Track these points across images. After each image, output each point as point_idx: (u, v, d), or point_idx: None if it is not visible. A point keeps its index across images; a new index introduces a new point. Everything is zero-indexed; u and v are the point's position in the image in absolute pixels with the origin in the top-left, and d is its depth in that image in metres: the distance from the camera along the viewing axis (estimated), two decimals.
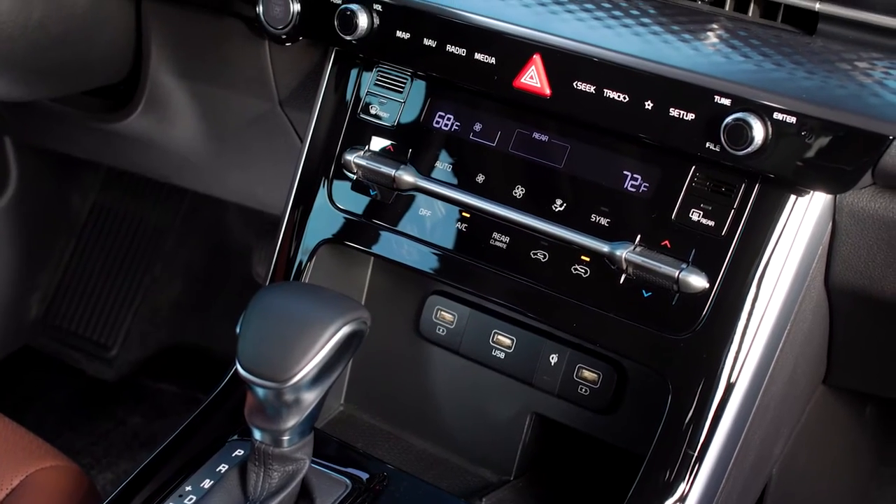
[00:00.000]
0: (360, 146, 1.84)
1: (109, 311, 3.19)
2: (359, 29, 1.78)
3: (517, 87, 1.68)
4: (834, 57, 1.52)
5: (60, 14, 1.98)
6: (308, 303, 1.54)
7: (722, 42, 1.58)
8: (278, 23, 1.87)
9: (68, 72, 2.12)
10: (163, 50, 2.14)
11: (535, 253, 1.69)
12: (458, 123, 1.78)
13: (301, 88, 2.03)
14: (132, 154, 2.51)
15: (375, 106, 1.84)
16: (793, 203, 1.57)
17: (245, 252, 3.09)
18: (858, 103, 1.47)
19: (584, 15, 1.65)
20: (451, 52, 1.72)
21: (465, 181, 1.75)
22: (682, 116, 1.56)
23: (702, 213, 1.60)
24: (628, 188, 1.65)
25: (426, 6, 1.73)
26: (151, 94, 2.19)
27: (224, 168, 2.36)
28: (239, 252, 3.12)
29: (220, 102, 2.18)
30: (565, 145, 1.70)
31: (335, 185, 1.86)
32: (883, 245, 1.58)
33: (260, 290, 1.56)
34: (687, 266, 1.59)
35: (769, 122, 1.50)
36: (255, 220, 3.07)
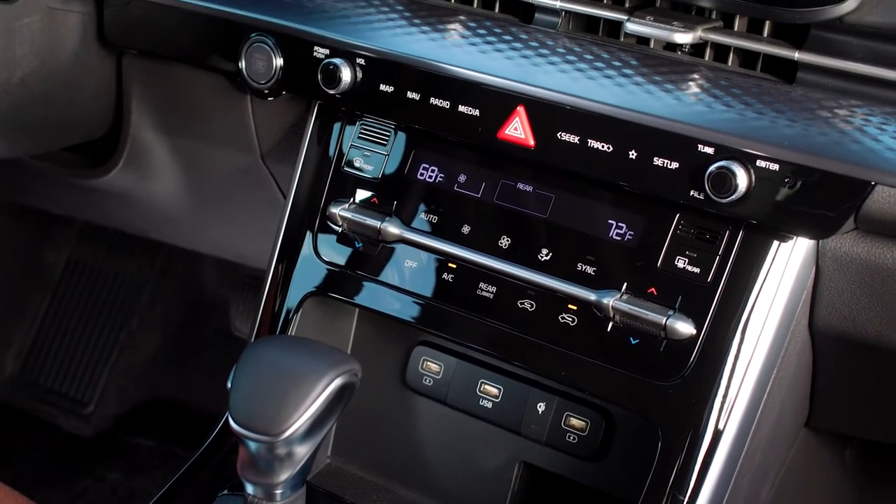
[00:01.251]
0: (345, 199, 1.85)
1: (86, 366, 3.17)
2: (342, 83, 1.79)
3: (501, 138, 1.69)
4: (814, 105, 1.55)
5: (42, 72, 1.99)
6: (299, 356, 1.54)
7: (704, 92, 1.60)
8: (261, 78, 1.89)
9: (49, 129, 2.12)
10: (144, 105, 2.14)
11: (522, 302, 1.71)
12: (442, 175, 1.79)
13: (283, 142, 2.04)
14: (111, 209, 2.51)
15: (359, 158, 1.86)
16: (776, 249, 1.59)
17: (222, 305, 3.08)
18: (840, 150, 1.49)
19: (567, 66, 1.67)
20: (434, 105, 1.74)
21: (451, 232, 1.76)
22: (667, 165, 1.58)
23: (687, 261, 1.62)
24: (613, 237, 1.67)
25: (409, 59, 1.75)
26: (132, 149, 2.20)
27: (204, 222, 2.37)
28: (216, 306, 3.12)
29: (201, 157, 2.19)
30: (550, 195, 1.72)
31: (320, 238, 1.87)
32: (866, 289, 1.60)
33: (251, 344, 1.56)
34: (674, 313, 1.61)
35: (752, 169, 1.52)
36: (231, 274, 3.06)
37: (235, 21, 1.90)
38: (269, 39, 1.86)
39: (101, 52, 2.08)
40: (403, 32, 1.79)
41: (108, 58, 2.10)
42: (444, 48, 1.75)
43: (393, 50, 1.77)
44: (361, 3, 1.86)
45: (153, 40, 2.03)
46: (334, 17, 1.84)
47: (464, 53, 1.73)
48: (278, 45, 1.86)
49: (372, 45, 1.78)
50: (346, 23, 1.83)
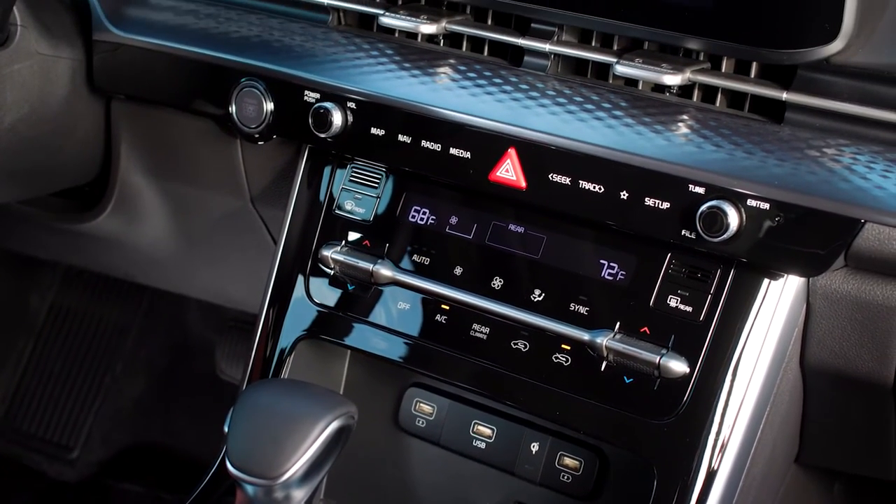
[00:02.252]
0: (337, 241, 1.86)
1: (70, 411, 3.15)
2: (333, 126, 1.81)
3: (493, 180, 1.71)
4: (803, 144, 1.57)
5: (32, 118, 1.99)
6: (296, 399, 1.55)
7: (693, 132, 1.62)
8: (251, 122, 1.90)
9: (39, 174, 2.13)
10: (132, 150, 2.15)
11: (516, 343, 1.72)
12: (433, 217, 1.80)
13: (273, 185, 2.05)
14: (98, 254, 2.51)
15: (350, 201, 1.87)
16: (767, 287, 1.61)
17: (207, 349, 3.07)
18: (829, 189, 1.51)
19: (558, 109, 1.69)
20: (426, 148, 1.75)
21: (443, 274, 1.78)
22: (658, 206, 1.60)
23: (679, 299, 1.63)
24: (605, 276, 1.68)
25: (400, 103, 1.77)
26: (121, 193, 2.20)
27: (192, 265, 2.37)
28: (201, 349, 3.11)
29: (190, 201, 2.20)
30: (541, 236, 1.73)
31: (312, 281, 1.87)
32: (857, 325, 1.62)
33: (247, 388, 1.57)
34: (667, 352, 1.62)
35: (743, 208, 1.54)
36: (215, 317, 3.06)
37: (225, 66, 1.91)
38: (259, 84, 1.87)
39: (90, 97, 2.09)
40: (394, 76, 1.81)
41: (97, 103, 2.11)
42: (435, 91, 1.76)
43: (384, 93, 1.78)
44: (351, 47, 1.88)
45: (142, 86, 2.04)
46: (324, 61, 1.86)
47: (455, 96, 1.75)
48: (269, 90, 1.87)
49: (363, 88, 1.80)
50: (337, 67, 1.84)
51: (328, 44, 1.89)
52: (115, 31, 2.02)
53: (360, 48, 1.87)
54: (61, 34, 2.02)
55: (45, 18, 2.00)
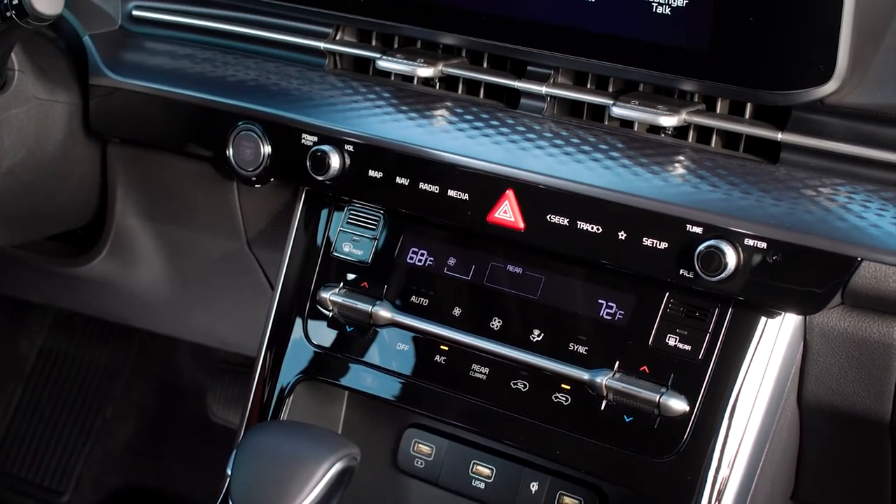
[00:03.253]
0: (335, 283, 1.87)
1: (61, 455, 3.14)
2: (331, 169, 1.82)
3: (491, 221, 1.72)
4: (798, 184, 1.59)
5: (30, 162, 2.00)
6: (298, 441, 1.56)
7: (690, 173, 1.64)
8: (249, 165, 1.91)
9: (35, 218, 2.13)
10: (128, 193, 2.16)
11: (516, 383, 1.72)
12: (431, 258, 1.82)
13: (270, 228, 2.06)
14: (91, 297, 2.51)
15: (348, 243, 1.88)
16: (765, 325, 1.62)
17: (198, 391, 3.07)
18: (826, 227, 1.53)
19: (555, 150, 1.71)
20: (424, 190, 1.77)
21: (442, 315, 1.78)
22: (656, 245, 1.61)
23: (678, 338, 1.65)
24: (604, 316, 1.70)
25: (398, 145, 1.78)
26: (116, 237, 2.21)
27: (186, 308, 2.37)
28: (192, 392, 3.11)
29: (186, 244, 2.20)
30: (539, 276, 1.74)
31: (310, 323, 1.88)
32: (853, 362, 1.63)
33: (250, 431, 1.57)
34: (666, 390, 1.63)
35: (741, 248, 1.56)
36: (206, 359, 3.06)
37: (223, 109, 1.92)
38: (256, 127, 1.89)
39: (87, 141, 2.10)
40: (391, 119, 1.82)
41: (93, 147, 2.12)
42: (433, 134, 1.78)
43: (381, 136, 1.80)
44: (348, 90, 1.89)
45: (139, 130, 2.05)
46: (321, 104, 1.87)
47: (452, 139, 1.76)
48: (266, 133, 1.88)
49: (360, 131, 1.81)
50: (334, 110, 1.86)
51: (325, 87, 1.91)
52: (111, 76, 2.03)
53: (357, 91, 1.89)
54: (58, 79, 2.04)
55: (42, 63, 2.01)
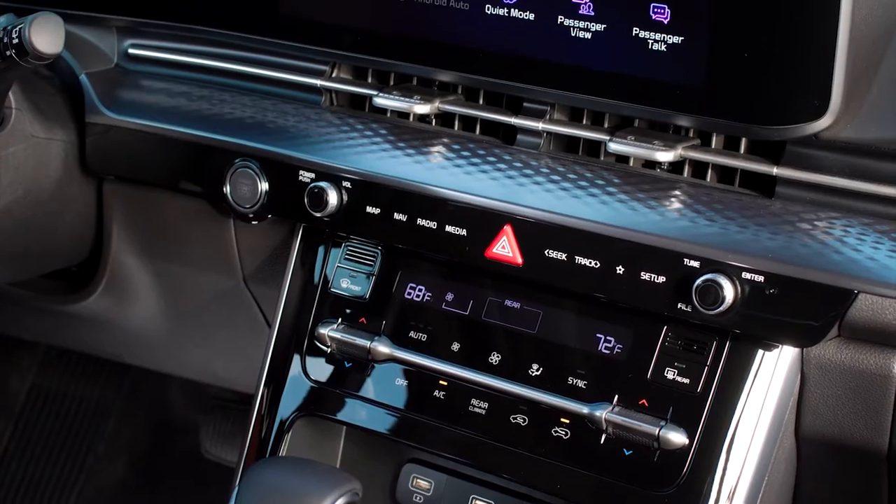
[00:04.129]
0: (333, 319, 1.87)
1: (52, 494, 3.13)
2: (329, 206, 1.83)
3: (489, 257, 1.73)
4: (794, 218, 1.61)
5: (27, 200, 2.00)
6: (300, 477, 1.56)
7: (686, 207, 1.65)
8: (246, 202, 1.92)
9: (31, 256, 2.13)
10: (124, 230, 2.16)
11: (515, 417, 1.73)
12: (429, 294, 1.82)
13: (266, 264, 2.06)
14: (84, 334, 2.51)
15: (346, 279, 1.88)
16: (762, 357, 1.64)
17: (190, 428, 3.06)
18: (822, 261, 1.55)
19: (552, 186, 1.72)
20: (422, 226, 1.78)
21: (441, 350, 1.79)
22: (654, 280, 1.63)
23: (676, 371, 1.66)
24: (602, 350, 1.71)
25: (396, 182, 1.79)
26: (112, 274, 2.21)
27: (181, 345, 2.37)
28: (184, 428, 3.10)
29: (182, 281, 2.21)
30: (537, 311, 1.76)
31: (308, 359, 1.89)
32: (850, 394, 1.64)
33: (251, 467, 1.58)
34: (666, 423, 1.64)
35: (738, 281, 1.57)
36: (198, 396, 3.05)
37: (220, 147, 1.93)
38: (254, 164, 1.90)
39: (83, 179, 2.10)
40: (388, 155, 1.84)
41: (89, 184, 2.13)
42: (430, 170, 1.79)
43: (379, 172, 1.81)
44: (345, 127, 1.91)
45: (135, 167, 2.06)
46: (319, 141, 1.88)
47: (450, 175, 1.78)
48: (263, 170, 1.90)
49: (358, 167, 1.82)
50: (331, 147, 1.87)
51: (322, 124, 1.92)
52: (108, 114, 2.04)
53: (354, 128, 1.90)
54: (54, 117, 2.05)
55: (39, 101, 2.02)
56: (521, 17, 1.72)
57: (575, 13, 1.68)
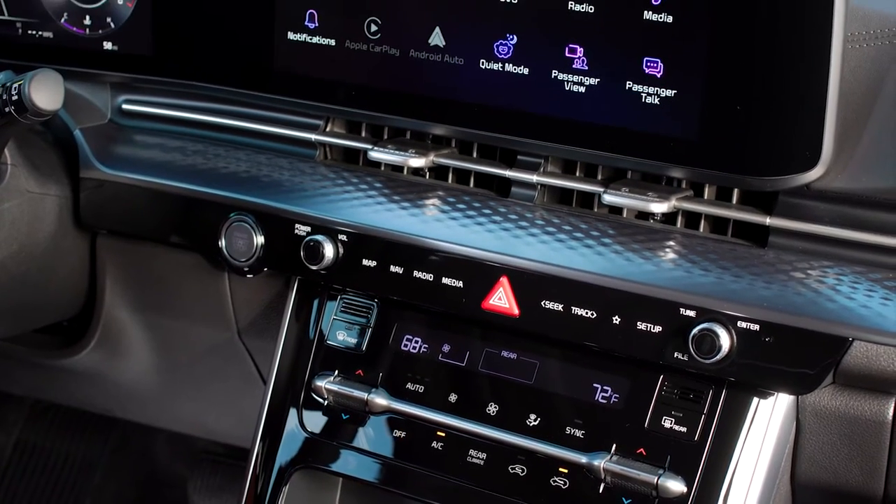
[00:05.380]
0: (330, 371, 1.88)
1: None
2: (325, 259, 1.84)
3: (486, 308, 1.75)
4: (788, 267, 1.63)
5: (21, 255, 2.01)
6: None
7: (681, 257, 1.68)
8: (242, 256, 1.93)
9: (24, 311, 2.13)
10: (117, 284, 2.17)
11: (513, 467, 1.74)
12: (426, 346, 1.84)
13: (261, 317, 2.07)
14: (75, 389, 2.50)
15: (342, 332, 1.89)
16: (758, 405, 1.65)
17: (177, 482, 3.05)
18: (817, 309, 1.57)
19: (547, 237, 1.74)
20: (418, 278, 1.79)
21: (438, 401, 1.80)
22: (650, 329, 1.64)
23: (673, 420, 1.67)
24: (599, 400, 1.72)
25: (392, 235, 1.81)
26: (104, 328, 2.21)
27: (173, 398, 2.37)
28: (171, 482, 3.08)
29: (175, 334, 2.21)
30: (534, 362, 1.77)
31: (305, 411, 1.89)
32: (846, 440, 1.66)
33: None
34: (664, 472, 1.65)
35: (734, 330, 1.59)
36: (186, 449, 3.04)
37: (215, 201, 1.95)
38: (249, 218, 1.91)
39: (76, 233, 2.11)
40: (384, 208, 1.85)
41: (83, 239, 2.13)
42: (426, 223, 1.81)
43: (375, 225, 1.82)
44: (340, 180, 1.92)
45: (129, 221, 2.07)
46: (314, 194, 1.90)
47: (445, 227, 1.80)
48: (259, 224, 1.91)
49: (354, 221, 1.84)
50: (326, 200, 1.89)
51: (317, 177, 1.94)
52: (102, 169, 2.05)
53: (349, 181, 1.92)
54: (49, 172, 2.06)
55: (34, 157, 2.03)
56: (515, 71, 1.75)
57: (569, 67, 1.71)
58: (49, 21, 2.10)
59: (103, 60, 2.09)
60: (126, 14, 2.05)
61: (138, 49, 2.06)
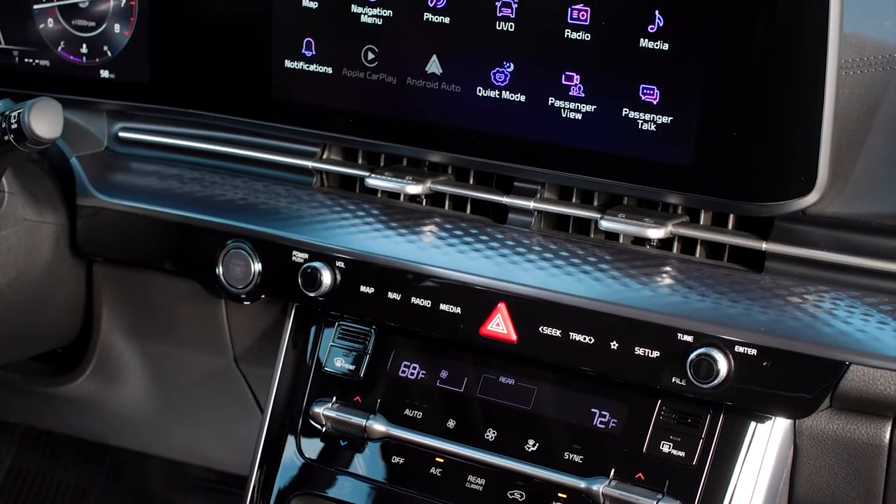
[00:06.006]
0: (328, 398, 1.88)
1: None
2: (323, 286, 1.85)
3: (484, 334, 1.76)
4: (784, 292, 1.64)
5: (18, 282, 2.01)
6: None
7: (678, 283, 1.69)
8: (239, 283, 1.93)
9: (21, 338, 2.14)
10: (114, 312, 2.17)
11: (512, 493, 1.74)
12: (423, 371, 1.84)
13: (258, 344, 2.08)
14: (70, 417, 2.50)
15: (340, 358, 1.90)
16: (756, 429, 1.66)
17: None
18: (814, 333, 1.58)
19: (545, 263, 1.75)
20: (416, 305, 1.80)
21: (437, 427, 1.81)
22: (648, 355, 1.65)
23: (672, 444, 1.68)
24: (598, 424, 1.73)
25: (390, 261, 1.82)
26: (101, 356, 2.21)
27: (169, 425, 2.37)
28: None
29: (172, 361, 2.21)
30: (532, 387, 1.78)
31: (303, 438, 1.89)
32: (843, 464, 1.67)
33: None
34: (663, 497, 1.66)
35: (731, 355, 1.60)
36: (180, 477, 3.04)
37: (213, 228, 1.95)
38: (246, 245, 1.92)
39: (73, 261, 2.12)
40: (381, 235, 1.86)
41: (80, 266, 2.14)
42: (423, 249, 1.82)
43: (373, 252, 1.83)
44: (337, 207, 1.93)
45: (126, 249, 2.07)
46: (311, 221, 1.91)
47: (443, 254, 1.80)
48: (256, 251, 1.91)
49: (351, 247, 1.84)
50: (324, 227, 1.89)
51: (314, 204, 1.95)
52: (99, 196, 2.06)
53: (346, 208, 1.93)
54: (46, 200, 2.06)
55: (31, 185, 2.04)
56: (512, 98, 1.76)
57: (566, 95, 1.72)
58: (46, 49, 2.11)
59: (100, 88, 2.10)
60: (123, 42, 2.06)
61: (135, 77, 2.07)
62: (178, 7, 2.01)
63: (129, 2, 2.04)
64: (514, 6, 1.73)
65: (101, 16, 2.07)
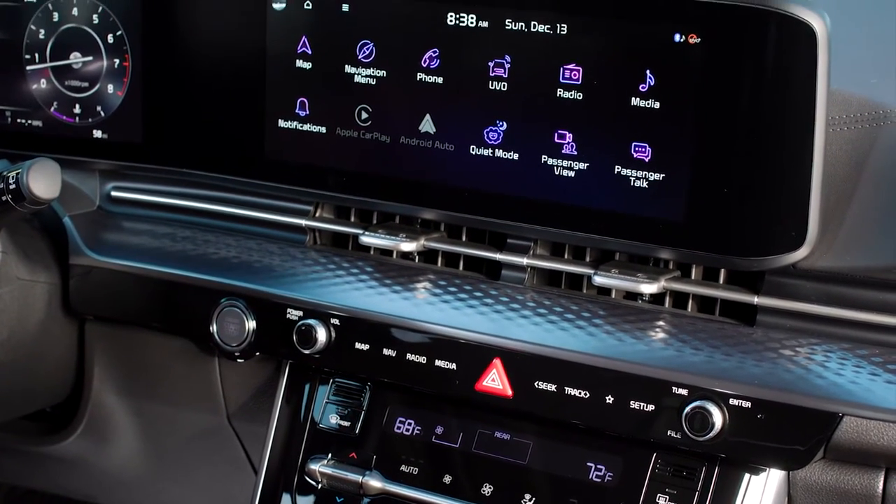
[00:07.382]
0: (323, 455, 1.89)
1: None
2: (318, 343, 1.86)
3: (479, 390, 1.77)
4: (777, 345, 1.67)
5: (11, 342, 2.01)
6: None
7: (672, 337, 1.71)
8: (233, 341, 1.94)
9: (12, 398, 2.13)
10: (106, 371, 2.17)
11: None
12: (419, 427, 1.85)
13: (252, 402, 2.08)
14: (59, 477, 2.48)
15: (334, 415, 1.91)
16: (751, 481, 1.68)
17: None
18: (807, 385, 1.60)
19: (539, 319, 1.77)
20: (411, 361, 1.81)
21: (433, 483, 1.82)
22: (643, 408, 1.67)
23: (667, 497, 1.70)
24: (594, 478, 1.74)
25: (384, 318, 1.83)
26: (92, 415, 2.21)
27: (160, 484, 2.35)
28: None
29: (164, 420, 2.21)
30: (528, 442, 1.79)
31: (299, 496, 1.90)
32: None
33: None
34: None
35: (726, 408, 1.62)
36: None
37: (206, 286, 1.96)
38: (240, 303, 1.93)
39: (65, 319, 2.12)
40: (375, 292, 1.88)
41: (72, 325, 2.14)
42: (418, 306, 1.83)
43: (367, 309, 1.85)
44: (330, 265, 1.95)
45: (119, 307, 2.08)
46: (305, 279, 1.92)
47: (438, 310, 1.82)
48: (250, 308, 1.92)
49: (346, 304, 1.86)
50: (318, 285, 1.91)
51: (307, 262, 1.96)
52: (92, 255, 2.06)
53: (340, 266, 1.94)
54: (38, 259, 2.07)
55: (24, 244, 2.05)
56: (505, 157, 1.78)
57: (558, 152, 1.75)
58: (39, 109, 2.12)
59: (93, 148, 2.11)
60: (116, 103, 2.08)
61: (128, 137, 2.09)
62: (171, 68, 2.03)
63: (123, 63, 2.06)
64: (506, 66, 1.75)
65: (94, 76, 2.09)
